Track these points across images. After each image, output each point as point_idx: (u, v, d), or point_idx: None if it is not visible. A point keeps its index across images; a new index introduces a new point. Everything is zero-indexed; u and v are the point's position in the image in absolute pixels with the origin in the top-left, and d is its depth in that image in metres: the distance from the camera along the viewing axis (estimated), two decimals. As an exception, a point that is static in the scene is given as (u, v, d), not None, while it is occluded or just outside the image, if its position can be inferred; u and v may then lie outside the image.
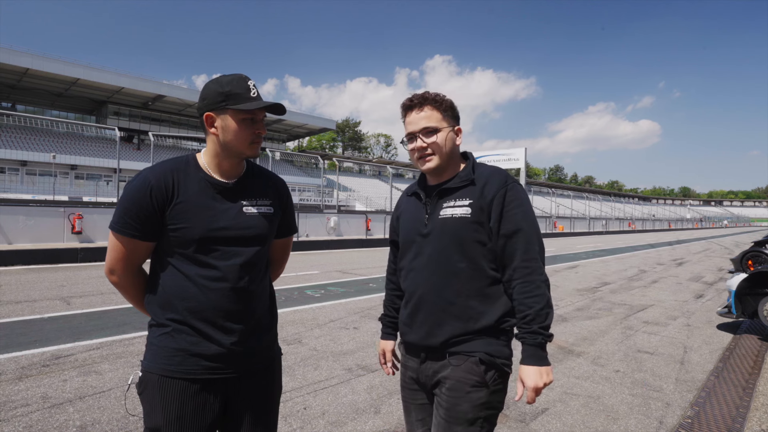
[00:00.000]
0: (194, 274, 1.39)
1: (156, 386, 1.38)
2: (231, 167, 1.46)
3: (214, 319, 1.39)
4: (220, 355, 1.40)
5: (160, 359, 1.39)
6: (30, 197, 25.17)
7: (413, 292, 1.58)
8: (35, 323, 5.35)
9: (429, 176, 1.63)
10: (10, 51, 35.31)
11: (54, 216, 12.35)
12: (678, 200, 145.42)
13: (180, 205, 1.38)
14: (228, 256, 1.40)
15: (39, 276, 8.89)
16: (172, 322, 1.39)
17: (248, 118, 1.40)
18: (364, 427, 3.04)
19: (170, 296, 1.40)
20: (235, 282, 1.40)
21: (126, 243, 1.40)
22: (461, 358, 1.48)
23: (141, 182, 1.38)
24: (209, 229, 1.38)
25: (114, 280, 1.47)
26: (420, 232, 1.57)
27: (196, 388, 1.38)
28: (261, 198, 1.51)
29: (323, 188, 34.66)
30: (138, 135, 47.52)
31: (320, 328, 5.55)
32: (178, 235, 1.38)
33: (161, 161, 1.48)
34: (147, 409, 1.40)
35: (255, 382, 1.49)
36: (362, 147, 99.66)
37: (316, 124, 58.13)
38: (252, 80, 1.44)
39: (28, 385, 3.54)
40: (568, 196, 54.93)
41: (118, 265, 1.44)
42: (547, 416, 3.28)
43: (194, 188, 1.41)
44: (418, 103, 1.57)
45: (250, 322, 1.45)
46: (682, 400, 3.67)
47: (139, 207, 1.36)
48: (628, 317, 6.73)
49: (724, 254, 19.59)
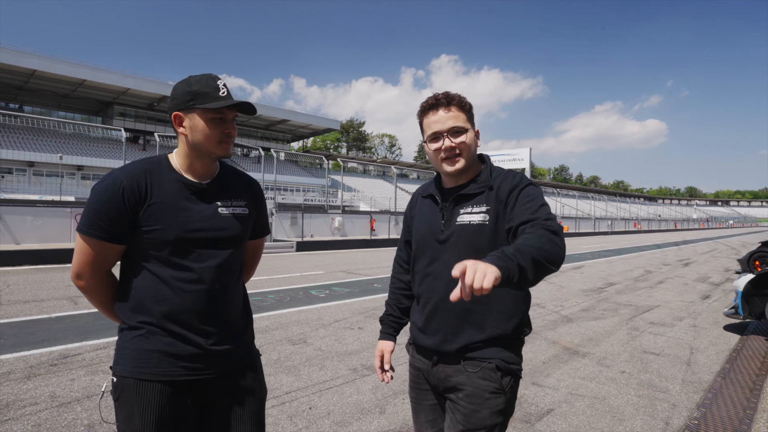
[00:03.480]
0: (169, 277, 1.35)
1: (133, 390, 1.34)
2: (203, 167, 1.43)
3: (189, 321, 1.36)
4: (196, 356, 1.37)
5: (135, 362, 1.34)
6: (37, 198, 25.34)
7: (429, 298, 1.54)
8: (43, 323, 5.40)
9: (448, 178, 1.57)
10: (17, 53, 35.58)
11: (61, 216, 12.44)
12: (684, 200, 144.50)
13: (154, 206, 1.34)
14: (203, 257, 1.38)
15: (46, 276, 8.96)
16: (144, 325, 1.35)
17: (216, 118, 1.37)
18: (369, 427, 3.04)
19: (143, 299, 1.36)
20: (211, 284, 1.38)
21: (94, 246, 1.35)
22: (476, 364, 1.46)
23: (112, 182, 1.33)
24: (184, 231, 1.35)
25: (81, 284, 1.41)
26: (436, 238, 1.53)
27: (175, 389, 1.36)
28: (236, 199, 1.48)
29: (327, 188, 34.65)
30: (144, 135, 47.76)
31: (325, 328, 5.56)
32: (152, 237, 1.34)
33: (132, 161, 1.43)
34: (124, 414, 1.35)
35: (235, 383, 1.46)
36: (366, 147, 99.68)
37: (321, 125, 58.17)
38: (222, 79, 1.40)
39: (37, 384, 3.57)
40: (573, 196, 54.72)
41: (86, 269, 1.38)
42: (553, 417, 3.27)
43: (168, 189, 1.37)
44: (446, 103, 1.51)
45: (226, 324, 1.43)
46: (689, 401, 3.65)
47: (110, 208, 1.31)
48: (633, 318, 6.70)
49: (731, 254, 19.44)
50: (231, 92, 1.43)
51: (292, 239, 17.48)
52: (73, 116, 49.07)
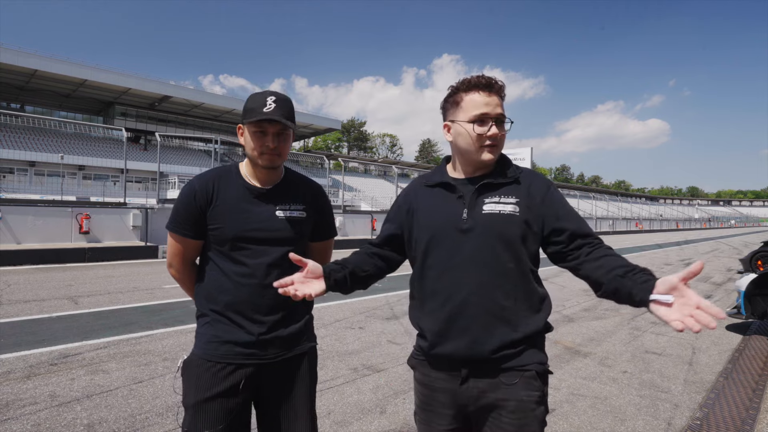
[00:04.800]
0: (229, 270, 1.55)
1: (194, 368, 1.54)
2: (264, 175, 1.60)
3: (245, 311, 1.53)
4: (250, 343, 1.52)
5: (200, 344, 1.56)
6: (38, 197, 25.38)
7: (452, 294, 1.39)
8: (43, 322, 5.40)
9: (470, 167, 1.48)
10: (18, 53, 35.64)
11: (62, 216, 12.45)
12: (686, 200, 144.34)
13: (218, 207, 1.55)
14: (257, 255, 1.55)
15: (47, 275, 8.97)
16: (212, 313, 1.56)
17: (258, 131, 1.52)
18: (369, 427, 3.03)
19: (211, 289, 1.57)
20: (263, 279, 1.53)
21: (178, 240, 1.61)
22: (514, 375, 1.36)
23: (189, 187, 1.59)
24: (241, 230, 1.54)
25: (173, 273, 1.68)
26: (458, 227, 1.41)
27: (229, 370, 1.51)
28: (294, 203, 1.63)
29: (329, 188, 34.63)
30: (145, 135, 47.81)
31: (325, 328, 5.55)
32: (216, 234, 1.55)
33: (210, 169, 1.68)
34: (185, 388, 1.55)
35: (287, 368, 1.60)
36: (368, 147, 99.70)
37: (322, 124, 58.19)
38: (275, 95, 1.52)
39: (37, 383, 3.56)
40: (575, 196, 54.56)
41: (175, 259, 1.64)
42: (554, 417, 3.26)
43: (233, 193, 1.57)
44: (498, 88, 1.42)
45: (279, 315, 1.56)
46: (691, 401, 3.63)
47: (186, 209, 1.56)
48: (635, 318, 6.68)
49: (733, 254, 19.40)
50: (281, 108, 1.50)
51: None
52: (74, 116, 49.13)
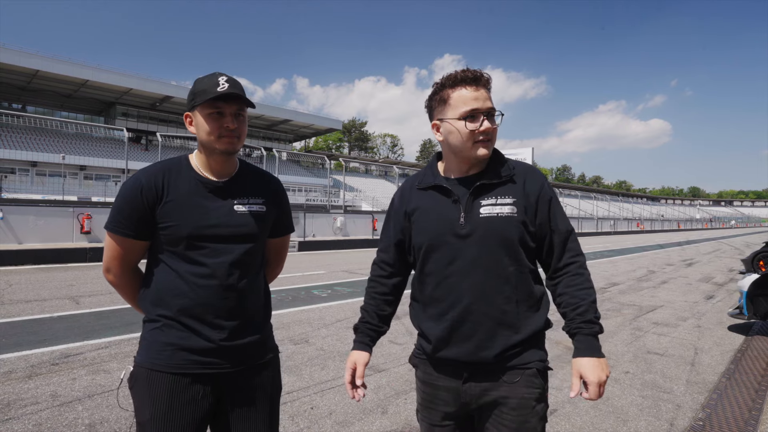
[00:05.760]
0: (184, 272, 1.40)
1: (145, 380, 1.39)
2: (219, 165, 1.46)
3: (203, 315, 1.39)
4: (209, 350, 1.40)
5: (150, 353, 1.40)
6: (40, 197, 25.44)
7: (454, 302, 1.39)
8: (45, 322, 5.40)
9: (461, 166, 1.44)
10: (20, 53, 35.72)
11: (63, 216, 12.46)
12: (687, 200, 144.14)
13: (169, 203, 1.40)
14: (217, 253, 1.41)
15: (48, 275, 8.97)
16: (162, 318, 1.40)
17: (215, 113, 1.38)
18: (371, 427, 3.03)
19: (162, 293, 1.42)
20: (224, 279, 1.41)
21: (120, 242, 1.43)
22: (516, 373, 1.38)
23: (133, 182, 1.41)
24: (198, 227, 1.39)
25: (110, 278, 1.50)
26: (456, 233, 1.38)
27: (186, 382, 1.38)
28: (253, 197, 1.50)
29: (330, 188, 34.66)
30: (146, 136, 47.86)
31: (327, 328, 5.55)
32: (168, 233, 1.40)
33: (155, 162, 1.50)
34: (137, 403, 1.40)
35: (249, 378, 1.47)
36: (369, 147, 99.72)
37: (323, 125, 58.22)
38: (226, 75, 1.39)
39: (38, 383, 3.56)
40: (576, 196, 54.51)
41: (114, 263, 1.47)
42: (556, 417, 3.25)
43: (185, 187, 1.42)
44: (485, 81, 1.38)
45: (241, 319, 1.44)
46: (693, 402, 3.62)
47: (131, 206, 1.39)
48: (637, 318, 6.67)
49: (735, 255, 19.37)
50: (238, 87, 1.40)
51: (294, 239, 17.45)
52: (75, 116, 49.22)
